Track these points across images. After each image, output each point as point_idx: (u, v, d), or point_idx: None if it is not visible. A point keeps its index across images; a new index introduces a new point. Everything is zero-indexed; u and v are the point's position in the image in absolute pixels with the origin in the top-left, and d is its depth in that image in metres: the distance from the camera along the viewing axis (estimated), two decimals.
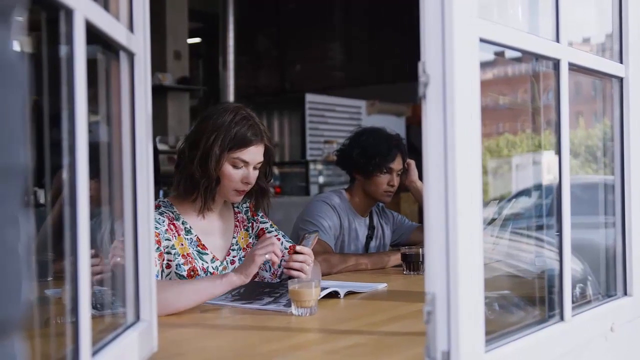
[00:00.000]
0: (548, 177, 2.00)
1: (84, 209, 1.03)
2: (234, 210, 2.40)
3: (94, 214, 1.10)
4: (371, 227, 3.14)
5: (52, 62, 1.05)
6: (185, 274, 2.15)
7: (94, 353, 1.10)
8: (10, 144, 0.58)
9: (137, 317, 1.38)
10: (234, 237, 2.34)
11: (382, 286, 2.36)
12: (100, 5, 1.16)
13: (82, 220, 1.02)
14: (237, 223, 2.37)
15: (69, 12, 1.01)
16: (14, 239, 0.58)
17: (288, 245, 2.38)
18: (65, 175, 1.01)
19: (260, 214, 2.44)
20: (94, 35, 1.12)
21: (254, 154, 2.21)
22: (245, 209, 2.42)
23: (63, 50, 1.03)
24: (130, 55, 1.35)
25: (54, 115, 1.04)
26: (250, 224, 2.41)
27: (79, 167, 1.02)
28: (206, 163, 2.15)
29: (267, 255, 1.97)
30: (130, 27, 1.36)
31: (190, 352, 1.56)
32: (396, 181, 3.01)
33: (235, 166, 2.18)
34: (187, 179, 2.19)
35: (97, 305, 1.35)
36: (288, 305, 1.90)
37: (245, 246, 2.36)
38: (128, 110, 1.36)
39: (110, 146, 1.38)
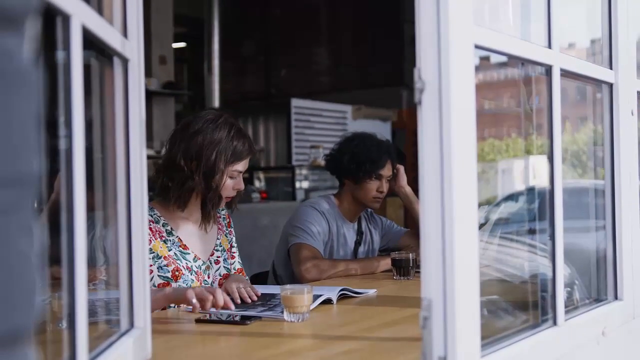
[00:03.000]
0: (535, 182, 2.01)
1: (80, 216, 1.02)
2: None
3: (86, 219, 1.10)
4: (360, 233, 3.14)
5: (47, 67, 1.04)
6: (169, 274, 2.21)
7: None
8: (24, 151, 0.58)
9: (132, 324, 1.37)
10: (217, 239, 2.42)
11: (372, 292, 2.36)
12: (95, 11, 1.15)
13: (78, 226, 1.02)
14: (220, 226, 2.46)
15: (66, 18, 1.00)
16: (28, 247, 0.58)
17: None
18: (62, 180, 1.01)
19: (230, 229, 2.52)
20: (89, 41, 1.12)
21: (247, 163, 2.33)
22: (223, 217, 2.50)
23: (59, 55, 1.02)
24: (125, 61, 1.35)
25: (49, 120, 1.03)
26: (229, 231, 2.51)
27: (75, 173, 1.01)
28: (211, 179, 2.23)
29: (194, 300, 1.90)
30: (124, 33, 1.35)
31: (183, 359, 1.55)
32: (385, 187, 3.01)
33: (231, 177, 2.29)
34: (187, 192, 2.25)
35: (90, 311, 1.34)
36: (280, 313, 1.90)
37: (226, 249, 2.45)
38: (122, 115, 1.36)
39: (104, 152, 1.37)
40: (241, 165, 2.29)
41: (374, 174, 2.98)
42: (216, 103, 8.78)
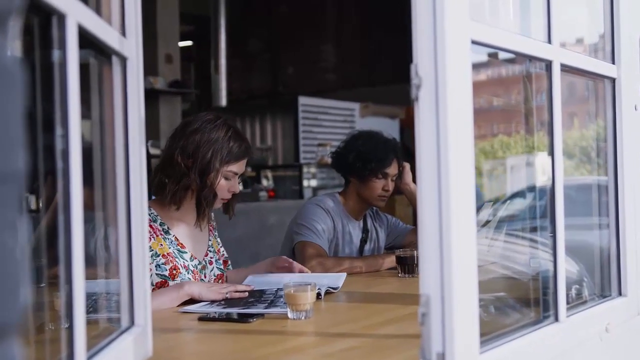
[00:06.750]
0: (542, 179, 2.01)
1: (77, 215, 1.02)
2: None
3: (87, 220, 1.10)
4: (365, 231, 3.14)
5: (44, 67, 1.05)
6: (167, 273, 2.24)
7: (89, 358, 1.10)
8: (8, 148, 0.58)
9: (132, 322, 1.37)
10: (209, 240, 2.46)
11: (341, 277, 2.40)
12: (92, 10, 1.16)
13: (75, 225, 1.02)
14: (211, 228, 2.50)
15: (62, 17, 1.01)
16: (12, 243, 0.58)
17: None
18: (59, 180, 1.01)
19: (216, 232, 2.55)
20: (86, 40, 1.12)
21: (243, 165, 2.36)
22: (212, 220, 2.54)
23: (55, 54, 1.03)
24: (123, 60, 1.35)
25: (46, 120, 1.04)
26: (216, 234, 2.54)
27: (72, 172, 1.02)
28: (205, 176, 2.27)
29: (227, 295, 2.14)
30: (123, 32, 1.35)
31: (184, 357, 1.55)
32: (391, 186, 3.01)
33: (226, 178, 2.32)
34: (182, 189, 2.28)
35: (89, 309, 1.34)
36: (284, 307, 1.90)
37: (216, 250, 2.49)
38: (121, 114, 1.36)
39: (103, 151, 1.38)
40: (236, 167, 2.32)
41: (379, 172, 2.97)
42: (223, 101, 8.79)
